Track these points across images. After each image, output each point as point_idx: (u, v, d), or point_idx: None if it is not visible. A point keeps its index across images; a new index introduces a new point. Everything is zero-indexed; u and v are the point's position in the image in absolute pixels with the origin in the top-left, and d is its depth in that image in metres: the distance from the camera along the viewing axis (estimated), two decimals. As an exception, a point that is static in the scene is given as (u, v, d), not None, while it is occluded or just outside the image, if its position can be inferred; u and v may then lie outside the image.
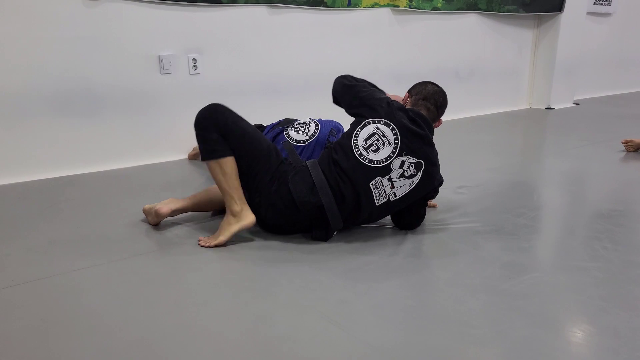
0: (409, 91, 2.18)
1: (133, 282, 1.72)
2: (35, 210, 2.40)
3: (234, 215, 1.95)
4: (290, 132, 2.72)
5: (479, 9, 4.73)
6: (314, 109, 3.47)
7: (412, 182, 1.97)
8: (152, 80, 3.15)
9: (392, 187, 1.96)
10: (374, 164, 1.93)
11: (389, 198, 1.97)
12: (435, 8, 4.38)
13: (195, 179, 2.94)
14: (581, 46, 5.43)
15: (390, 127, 1.96)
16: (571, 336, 1.42)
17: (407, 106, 2.13)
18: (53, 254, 1.92)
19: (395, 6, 4.14)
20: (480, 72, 4.98)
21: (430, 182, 2.02)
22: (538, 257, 1.93)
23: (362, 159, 1.94)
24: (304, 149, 2.64)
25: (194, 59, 3.27)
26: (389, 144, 1.94)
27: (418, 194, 2.02)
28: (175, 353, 1.32)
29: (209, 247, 1.95)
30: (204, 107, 2.02)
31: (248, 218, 1.95)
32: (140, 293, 1.64)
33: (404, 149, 1.95)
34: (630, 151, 3.53)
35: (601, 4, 5.78)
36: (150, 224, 2.19)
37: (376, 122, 1.97)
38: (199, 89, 3.33)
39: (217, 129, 1.95)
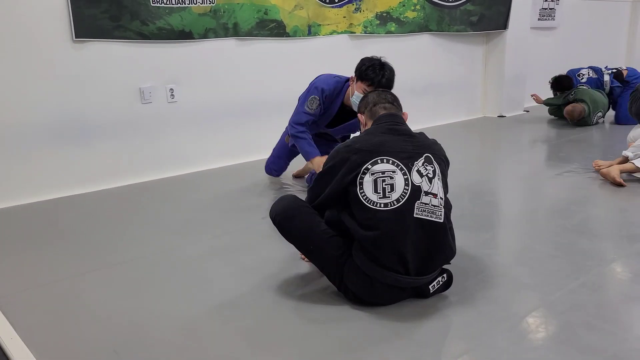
0: (360, 111, 2.12)
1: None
2: (38, 228, 2.81)
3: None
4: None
5: (430, 30, 5.22)
6: (283, 129, 3.91)
7: (438, 174, 1.88)
8: (135, 110, 3.57)
9: (434, 195, 1.83)
10: (403, 198, 1.79)
11: (440, 204, 1.84)
12: (389, 32, 4.86)
13: (180, 194, 3.36)
14: (527, 58, 5.95)
15: (380, 158, 1.82)
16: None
17: (367, 125, 2.05)
18: (57, 261, 2.33)
19: (352, 32, 4.62)
20: (436, 86, 5.46)
21: (443, 155, 1.97)
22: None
23: (391, 207, 1.78)
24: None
25: (172, 89, 3.70)
26: (394, 171, 1.80)
27: (446, 177, 1.96)
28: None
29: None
30: (277, 213, 1.97)
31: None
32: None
33: (407, 160, 1.84)
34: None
35: (545, 19, 6.33)
36: None
37: (367, 170, 1.81)
38: (177, 116, 3.76)
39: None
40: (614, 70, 5.38)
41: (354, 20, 4.58)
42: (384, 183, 1.79)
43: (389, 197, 1.78)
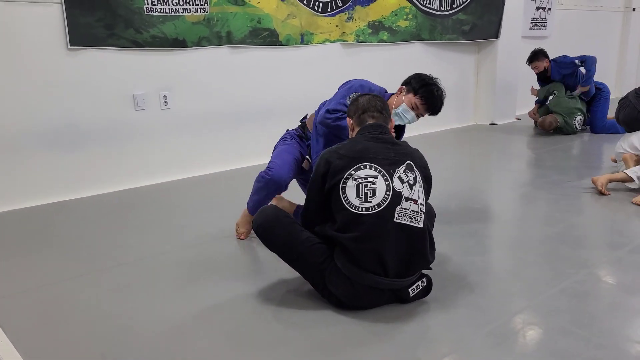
0: (348, 115, 2.13)
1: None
2: (37, 231, 2.85)
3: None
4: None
5: (423, 39, 5.29)
6: (275, 135, 3.92)
7: (419, 180, 1.93)
8: (128, 116, 3.62)
9: (414, 201, 1.88)
10: (384, 203, 1.84)
11: (420, 210, 1.90)
12: (381, 40, 4.93)
13: (166, 201, 3.40)
14: (519, 67, 6.03)
15: (363, 164, 1.87)
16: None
17: (355, 130, 2.06)
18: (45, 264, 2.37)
19: (344, 41, 4.68)
20: (428, 94, 5.52)
21: (424, 164, 2.01)
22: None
23: (372, 210, 1.84)
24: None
25: (165, 96, 3.75)
26: (376, 177, 1.86)
27: (429, 184, 2.03)
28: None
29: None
30: (258, 224, 2.03)
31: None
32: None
33: (389, 166, 1.89)
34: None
35: (537, 29, 6.41)
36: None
37: (350, 176, 1.86)
38: (170, 122, 3.81)
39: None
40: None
41: (347, 29, 4.64)
42: (366, 188, 1.85)
43: (370, 201, 1.84)
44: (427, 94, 2.42)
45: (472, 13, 5.50)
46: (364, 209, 1.84)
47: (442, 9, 5.31)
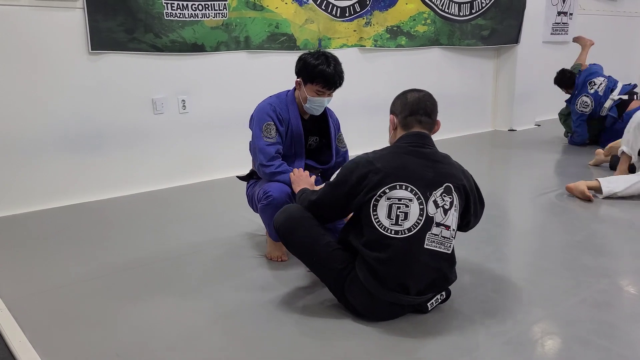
0: (392, 111, 1.96)
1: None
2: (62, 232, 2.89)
3: None
4: None
5: (441, 44, 5.26)
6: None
7: (455, 205, 1.84)
8: (147, 120, 3.66)
9: (446, 227, 1.82)
10: (415, 228, 1.77)
11: (451, 236, 1.84)
12: (399, 45, 4.91)
13: (190, 203, 3.42)
14: (539, 72, 5.95)
15: (399, 184, 1.78)
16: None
17: (397, 131, 1.93)
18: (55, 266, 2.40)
19: (362, 46, 4.67)
20: (447, 99, 5.47)
21: (464, 184, 1.88)
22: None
23: (401, 234, 1.77)
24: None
25: (183, 100, 3.79)
26: (411, 199, 1.78)
27: (469, 209, 1.93)
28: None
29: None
30: (280, 223, 1.98)
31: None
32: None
33: (426, 188, 1.80)
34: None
35: (558, 34, 6.33)
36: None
37: (384, 194, 1.78)
38: (188, 126, 3.84)
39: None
40: (622, 98, 4.66)
41: (364, 34, 4.63)
42: (398, 210, 1.77)
43: (401, 225, 1.77)
44: (322, 76, 2.27)
45: (491, 18, 5.45)
46: (393, 232, 1.77)
47: (461, 14, 5.27)
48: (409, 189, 1.78)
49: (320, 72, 2.27)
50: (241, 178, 2.67)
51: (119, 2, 3.35)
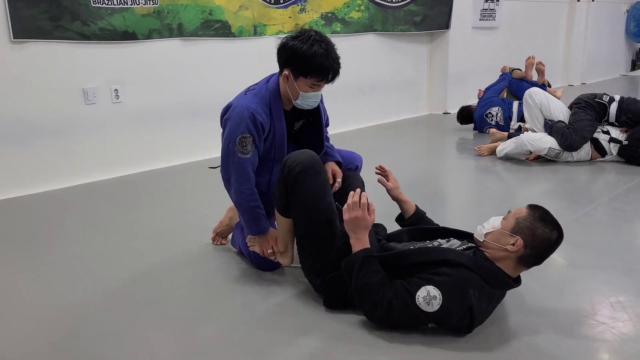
0: (521, 235, 1.65)
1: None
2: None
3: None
4: None
5: (375, 30, 5.38)
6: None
7: None
8: (79, 110, 3.56)
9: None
10: None
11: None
12: (334, 32, 4.99)
13: (125, 194, 3.37)
14: (470, 57, 6.20)
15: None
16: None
17: (513, 261, 1.68)
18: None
19: (298, 32, 4.71)
20: (382, 85, 5.63)
21: None
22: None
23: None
24: None
25: (116, 90, 3.71)
26: None
27: None
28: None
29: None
30: (301, 162, 1.80)
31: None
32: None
33: None
34: (483, 155, 4.02)
35: (486, 20, 6.60)
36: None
37: None
38: (122, 116, 3.77)
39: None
40: (521, 125, 4.41)
41: (300, 21, 4.67)
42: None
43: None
44: (319, 69, 1.91)
45: (423, 4, 5.63)
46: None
47: (394, 0, 5.41)
48: None
49: (317, 64, 1.90)
50: (214, 168, 2.33)
51: (42, -11, 3.24)
